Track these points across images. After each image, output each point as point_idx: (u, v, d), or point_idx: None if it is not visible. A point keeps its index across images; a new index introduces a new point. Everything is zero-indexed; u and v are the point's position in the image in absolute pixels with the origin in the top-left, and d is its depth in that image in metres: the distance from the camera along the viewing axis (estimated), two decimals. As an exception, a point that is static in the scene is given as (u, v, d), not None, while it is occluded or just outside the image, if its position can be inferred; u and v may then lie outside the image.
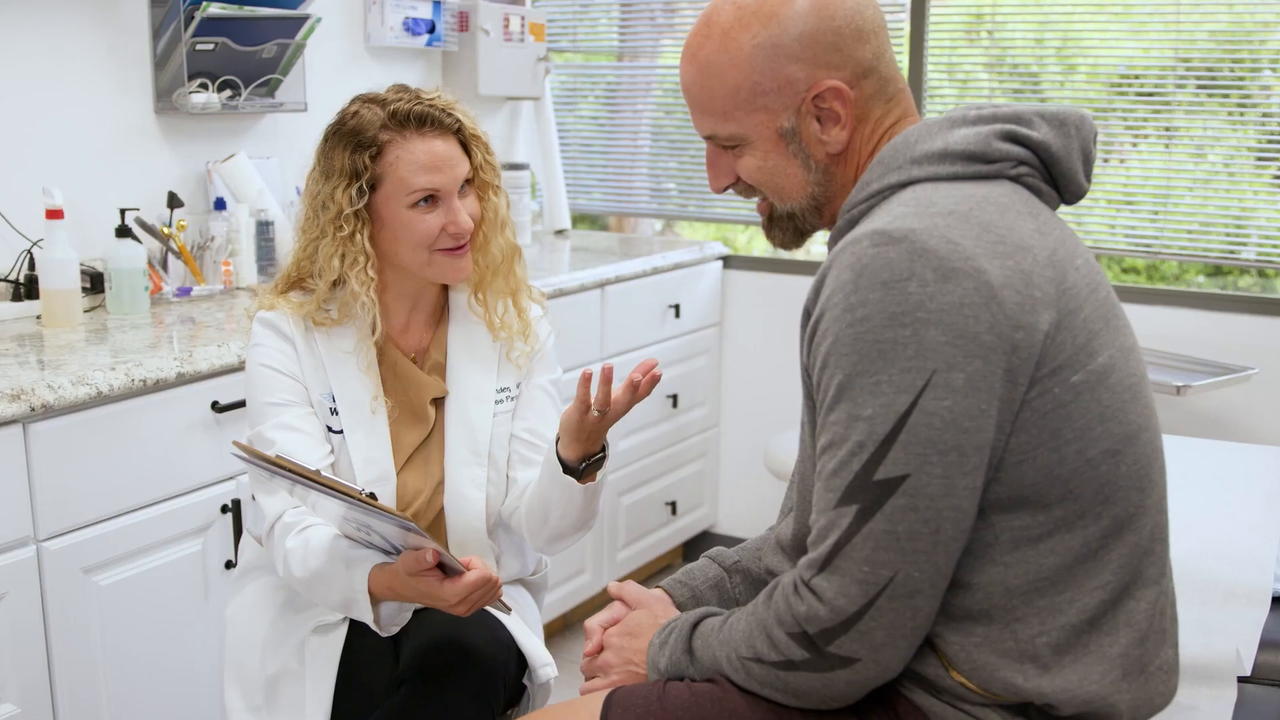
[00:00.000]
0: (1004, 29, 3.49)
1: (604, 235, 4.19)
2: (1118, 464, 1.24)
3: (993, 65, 3.53)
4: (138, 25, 2.78)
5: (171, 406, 2.17)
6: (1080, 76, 3.42)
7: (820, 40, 1.31)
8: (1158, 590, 1.29)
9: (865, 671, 1.22)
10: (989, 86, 3.53)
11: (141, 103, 2.82)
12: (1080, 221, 3.40)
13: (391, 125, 1.75)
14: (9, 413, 1.91)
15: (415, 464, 1.85)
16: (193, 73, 2.81)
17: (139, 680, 2.16)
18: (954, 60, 3.57)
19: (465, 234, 1.80)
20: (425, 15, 3.48)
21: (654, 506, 3.63)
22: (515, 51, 3.72)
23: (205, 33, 2.78)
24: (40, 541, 1.99)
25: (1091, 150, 1.35)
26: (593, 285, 3.23)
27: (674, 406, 3.63)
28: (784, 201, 1.39)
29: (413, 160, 1.75)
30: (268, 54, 2.96)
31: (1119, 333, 1.28)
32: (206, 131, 2.97)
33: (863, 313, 1.19)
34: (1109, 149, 3.40)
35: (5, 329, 2.40)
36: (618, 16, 4.13)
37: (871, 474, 1.18)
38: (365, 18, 3.38)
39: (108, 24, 2.73)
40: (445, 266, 1.81)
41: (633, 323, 3.41)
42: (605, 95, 4.22)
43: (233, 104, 2.90)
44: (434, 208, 1.77)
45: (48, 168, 2.63)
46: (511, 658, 1.76)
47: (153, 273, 2.67)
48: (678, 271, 3.59)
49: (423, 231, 1.77)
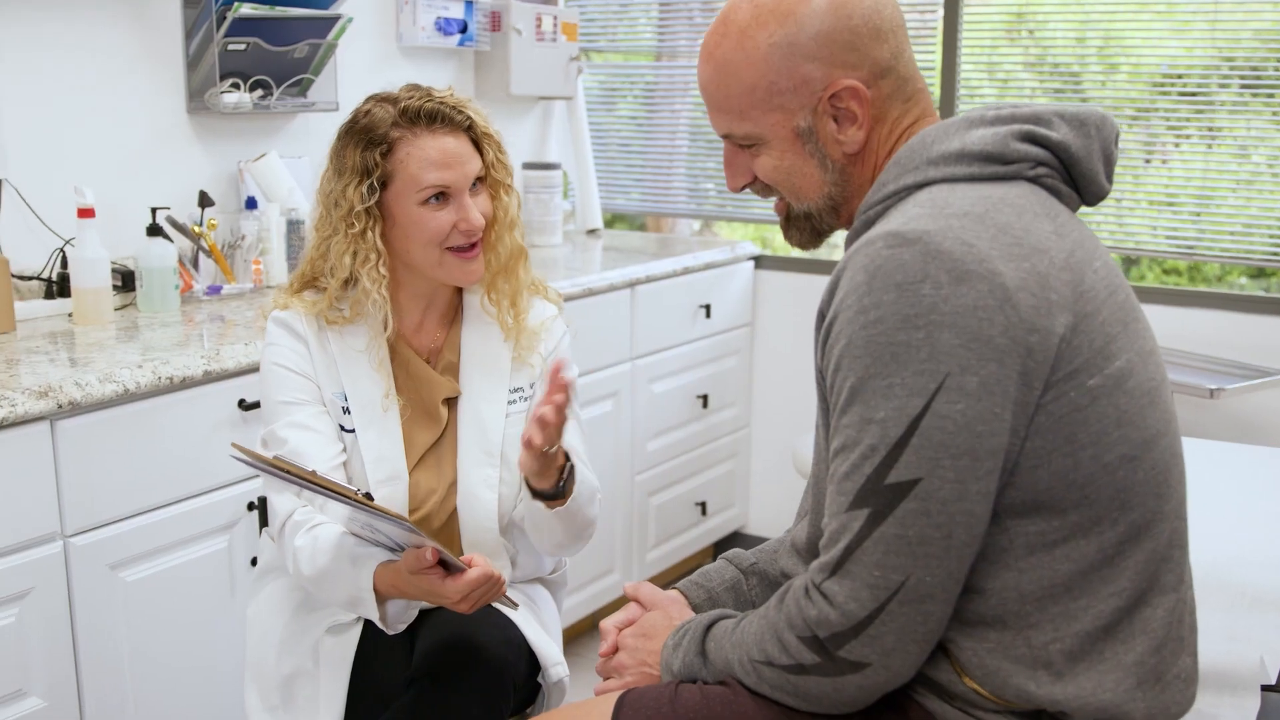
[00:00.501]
0: (1045, 28, 3.45)
1: (636, 235, 4.18)
2: (1135, 469, 1.22)
3: (1033, 64, 3.49)
4: (171, 26, 2.81)
5: (198, 404, 2.18)
6: (1122, 76, 3.38)
7: (837, 39, 1.29)
8: (1175, 598, 1.27)
9: (875, 677, 1.21)
10: (1030, 86, 3.49)
11: (174, 102, 2.84)
12: (1122, 222, 3.36)
13: (402, 122, 1.75)
14: (37, 410, 1.93)
15: (428, 464, 1.85)
16: (224, 73, 2.83)
17: (164, 676, 2.17)
18: (994, 60, 3.53)
19: (477, 231, 1.79)
20: (457, 15, 3.49)
21: (684, 507, 3.62)
22: (547, 51, 3.72)
23: (237, 33, 2.80)
24: (67, 537, 2.01)
25: (1113, 151, 1.33)
26: (622, 285, 3.22)
27: (704, 407, 3.62)
28: (800, 201, 1.38)
29: (423, 157, 1.75)
30: (299, 54, 2.97)
31: (1138, 336, 1.26)
32: (238, 131, 2.99)
33: (876, 315, 1.17)
34: (1150, 149, 3.36)
35: (38, 326, 2.42)
36: (656, 16, 4.12)
37: (883, 478, 1.17)
38: (397, 18, 3.39)
39: (141, 24, 2.75)
40: (455, 268, 1.81)
41: (663, 323, 3.40)
42: (643, 95, 4.22)
43: (264, 104, 2.92)
44: (445, 205, 1.77)
45: (82, 167, 2.65)
46: (521, 657, 1.76)
47: (184, 271, 2.69)
48: (709, 271, 3.58)
49: (434, 229, 1.77)
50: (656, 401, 3.41)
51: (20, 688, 1.96)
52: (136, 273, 2.56)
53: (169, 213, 2.68)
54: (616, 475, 3.30)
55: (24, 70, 2.54)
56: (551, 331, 1.94)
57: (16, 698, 1.96)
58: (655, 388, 3.40)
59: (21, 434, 1.93)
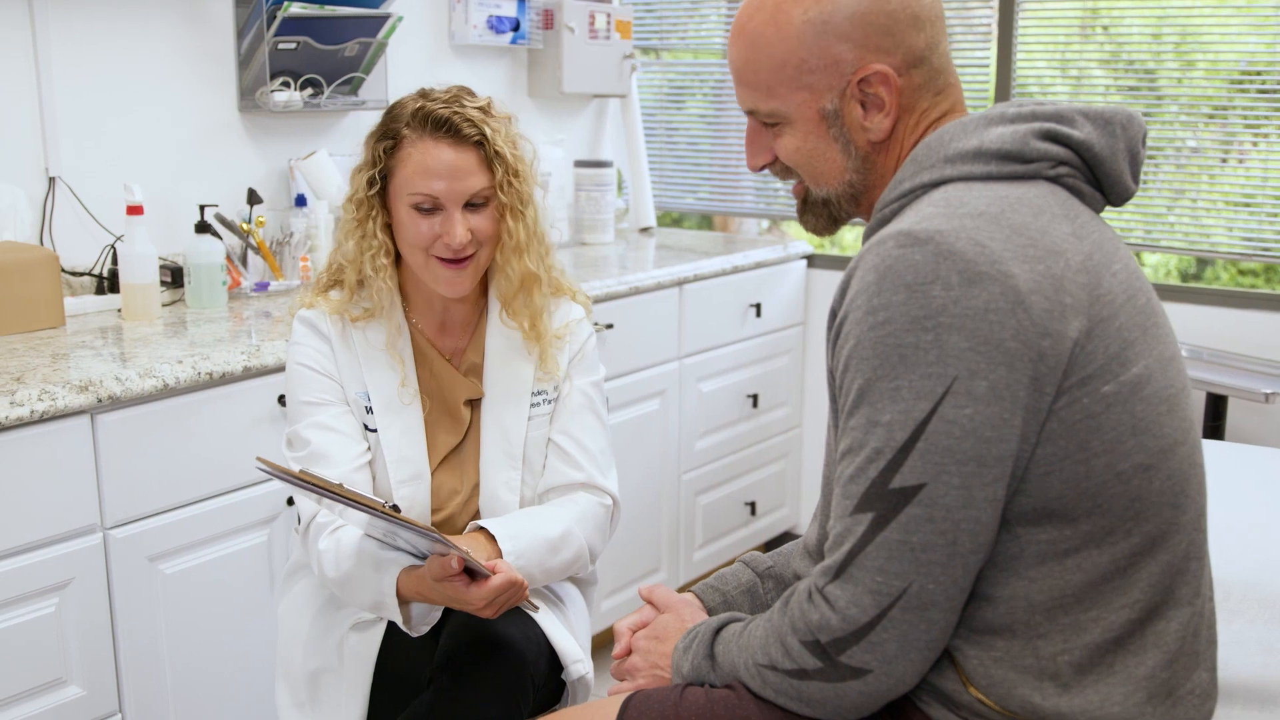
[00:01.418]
0: (1120, 24, 3.38)
1: (689, 233, 4.16)
2: (1150, 479, 1.18)
3: (1107, 62, 3.42)
4: (223, 25, 2.84)
5: (238, 400, 2.20)
6: (1198, 73, 3.31)
7: (873, 22, 1.27)
8: (1190, 611, 1.23)
9: (877, 684, 1.19)
10: (1103, 84, 3.42)
11: (226, 101, 2.88)
12: (1199, 223, 3.28)
13: (413, 122, 1.75)
14: (77, 404, 1.96)
15: (450, 465, 1.86)
16: (275, 71, 2.86)
17: (202, 667, 2.20)
18: (1067, 57, 3.47)
19: (459, 249, 1.76)
20: (509, 13, 3.50)
21: (733, 506, 3.60)
22: (601, 49, 3.72)
23: (287, 32, 2.82)
24: (107, 529, 2.05)
25: (1139, 151, 1.29)
26: (670, 283, 3.21)
27: (754, 406, 3.60)
28: (819, 186, 1.35)
29: (419, 161, 1.74)
30: (350, 52, 3.00)
31: (1158, 342, 1.22)
32: (289, 129, 3.02)
33: (884, 315, 1.15)
34: (1227, 148, 3.28)
35: (88, 321, 2.46)
36: (725, 14, 4.10)
37: (888, 482, 1.15)
38: (450, 16, 3.41)
39: (194, 24, 2.79)
40: (440, 277, 1.79)
41: (711, 321, 3.38)
42: (712, 93, 4.20)
43: (314, 102, 2.95)
44: (433, 215, 1.75)
45: (134, 165, 2.70)
46: (542, 655, 1.76)
47: (232, 268, 2.72)
48: (759, 270, 3.55)
49: (415, 234, 1.76)
50: (705, 400, 3.40)
51: (60, 676, 1.99)
52: (185, 269, 2.60)
53: (217, 210, 2.71)
54: (663, 474, 3.29)
55: (78, 70, 2.59)
56: (576, 334, 1.92)
57: (56, 686, 1.99)
58: (703, 387, 3.39)
59: (63, 427, 1.96)
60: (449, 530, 1.86)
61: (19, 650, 1.94)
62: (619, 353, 3.06)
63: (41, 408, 1.91)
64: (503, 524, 1.75)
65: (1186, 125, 3.29)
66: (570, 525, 1.81)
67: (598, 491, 1.89)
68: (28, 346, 2.21)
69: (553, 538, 1.78)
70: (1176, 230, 3.32)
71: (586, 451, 1.89)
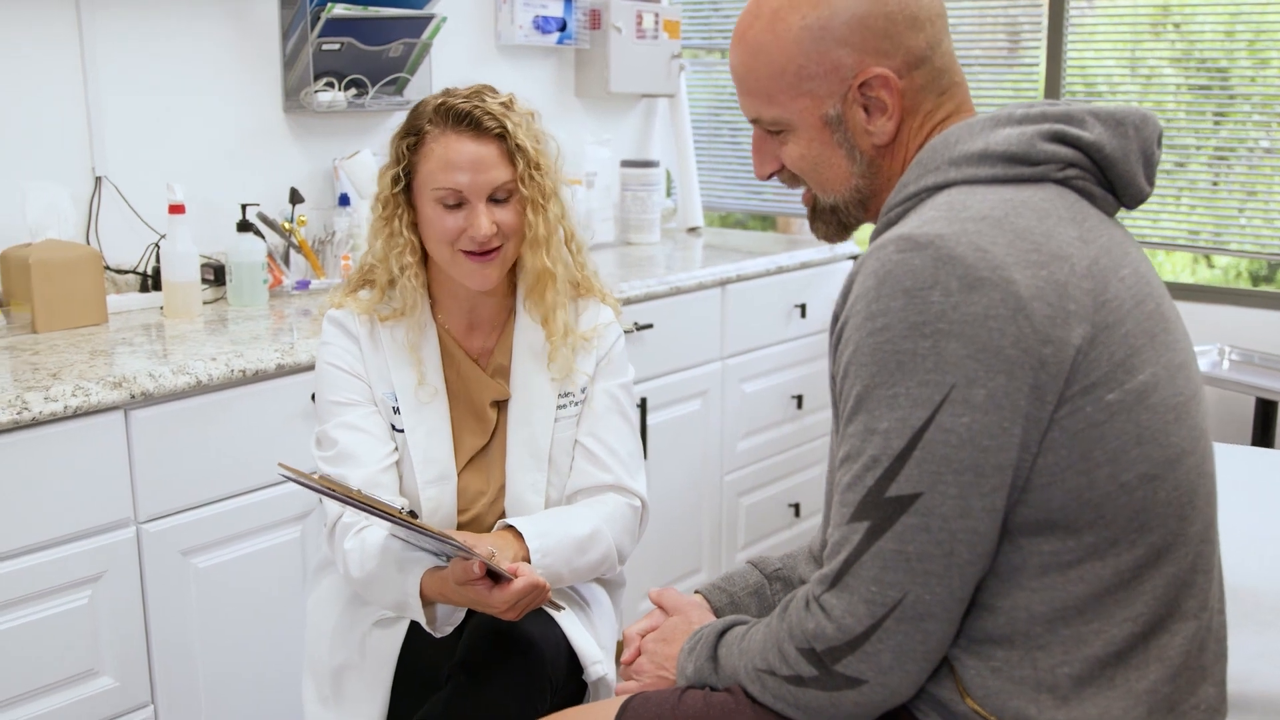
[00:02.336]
0: (1192, 21, 3.32)
1: (738, 233, 4.14)
2: (1155, 490, 1.15)
3: (1179, 60, 3.36)
4: (269, 26, 2.88)
5: (271, 397, 2.23)
6: (1272, 71, 3.23)
7: (870, 25, 1.25)
8: (1196, 625, 1.20)
9: (872, 694, 1.17)
10: (1174, 82, 3.36)
11: (272, 101, 2.92)
12: (1272, 225, 3.20)
13: (435, 118, 1.77)
14: (110, 399, 1.99)
15: (477, 466, 1.86)
16: (319, 72, 2.89)
17: (234, 660, 2.23)
18: (1138, 55, 3.40)
19: (484, 242, 1.77)
20: (556, 13, 3.50)
21: (776, 508, 3.58)
22: (649, 49, 3.71)
23: (331, 33, 2.85)
24: (140, 523, 2.08)
25: (1154, 152, 1.26)
26: (712, 284, 3.20)
27: (799, 408, 3.57)
28: (826, 193, 1.34)
29: (442, 156, 1.75)
30: (394, 53, 3.02)
31: (1166, 349, 1.19)
32: (334, 129, 3.05)
33: (883, 321, 1.13)
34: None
35: (132, 319, 2.50)
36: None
37: (884, 490, 1.13)
38: (496, 16, 3.42)
39: (240, 25, 2.82)
40: (466, 270, 1.80)
41: (755, 322, 3.36)
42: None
43: (359, 102, 2.97)
44: (458, 209, 1.77)
45: (180, 164, 2.74)
46: (561, 655, 1.76)
47: (274, 266, 2.75)
48: (804, 271, 3.53)
49: (441, 229, 1.77)
50: (748, 401, 3.38)
51: (92, 667, 2.03)
52: (227, 267, 2.63)
53: (259, 209, 2.74)
54: (704, 474, 3.27)
55: (125, 71, 2.63)
56: (604, 337, 1.92)
57: (89, 676, 2.03)
58: (746, 387, 3.37)
59: (96, 422, 2.00)
60: (476, 530, 1.86)
61: (53, 641, 1.97)
62: (659, 353, 3.05)
63: (75, 403, 1.95)
64: (531, 522, 1.76)
65: (1260, 125, 3.22)
66: (599, 525, 1.81)
67: (626, 493, 1.89)
68: (69, 343, 2.25)
69: (581, 537, 1.78)
70: (1246, 232, 3.25)
71: (615, 454, 1.89)
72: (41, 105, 2.51)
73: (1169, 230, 3.40)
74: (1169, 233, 3.40)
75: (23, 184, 2.41)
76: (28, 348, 2.21)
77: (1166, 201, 3.38)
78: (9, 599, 1.92)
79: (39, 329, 2.33)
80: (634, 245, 3.70)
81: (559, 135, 3.68)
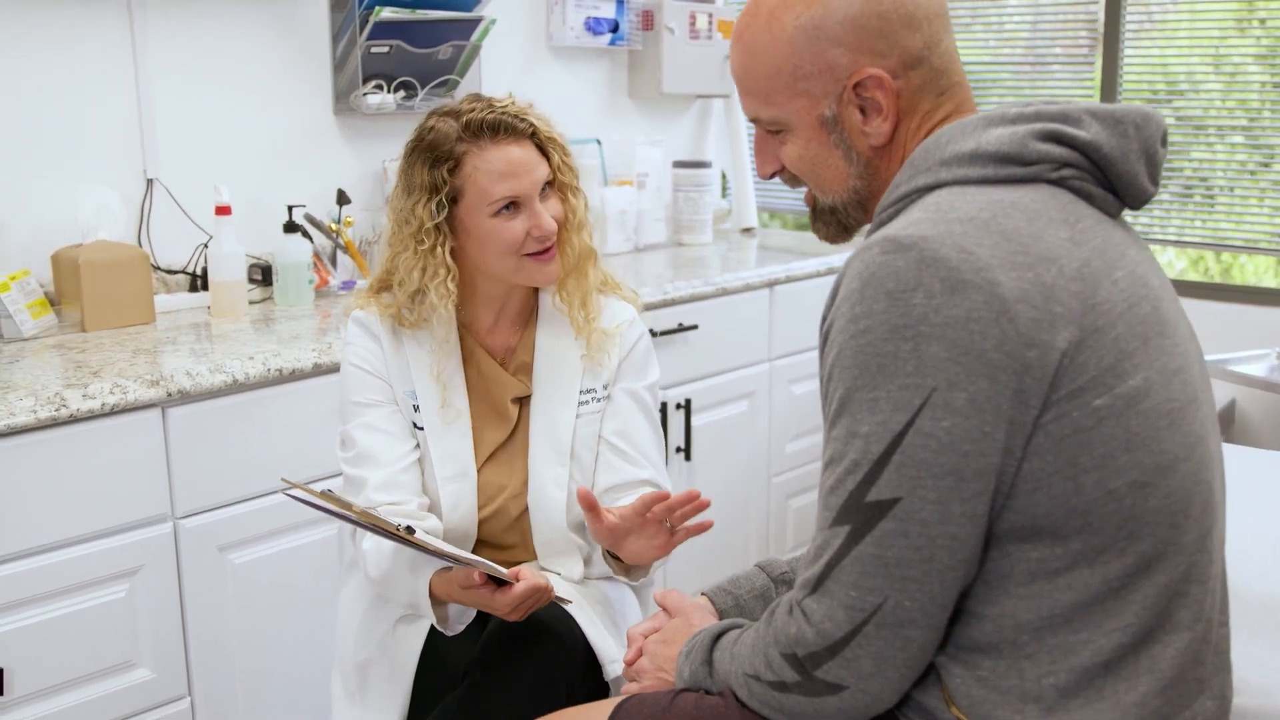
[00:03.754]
0: (1278, 17, 3.23)
1: (791, 234, 4.12)
2: (1145, 497, 1.12)
3: (1264, 57, 3.28)
4: (319, 30, 2.92)
5: (305, 396, 2.26)
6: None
7: (865, 25, 1.24)
8: (1191, 636, 1.16)
9: (854, 700, 1.16)
10: (1259, 80, 3.28)
11: (322, 103, 2.96)
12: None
13: (466, 136, 1.77)
14: (148, 397, 2.04)
15: (499, 461, 1.88)
16: (368, 75, 2.93)
17: (271, 654, 2.27)
18: (1222, 52, 3.33)
19: (550, 235, 1.81)
20: (608, 14, 3.51)
21: (827, 512, 3.55)
22: (702, 49, 3.70)
23: (379, 36, 2.89)
24: (177, 519, 2.12)
25: (1157, 151, 1.23)
26: (759, 285, 3.18)
27: (850, 410, 3.53)
28: (825, 194, 1.33)
29: (491, 169, 1.77)
30: (443, 55, 3.05)
31: (1162, 353, 1.16)
32: (383, 131, 3.08)
33: (866, 324, 1.12)
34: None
35: (180, 318, 2.56)
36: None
37: (864, 495, 1.12)
38: (548, 18, 3.44)
39: (292, 28, 2.87)
40: (534, 271, 1.83)
41: (804, 323, 3.34)
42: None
43: (408, 104, 3.00)
44: (517, 213, 1.79)
45: (231, 166, 2.79)
46: (578, 655, 1.76)
47: (321, 266, 2.79)
48: (856, 272, 3.49)
49: (509, 239, 1.79)
50: (796, 403, 3.36)
51: (130, 658, 2.08)
52: (273, 268, 2.68)
53: (306, 210, 2.79)
54: (752, 476, 3.26)
55: (177, 75, 2.69)
56: (626, 336, 1.93)
57: (126, 668, 2.08)
58: (795, 389, 3.35)
59: (134, 420, 2.04)
60: (498, 524, 1.88)
61: (92, 632, 2.02)
62: (705, 354, 3.05)
63: (112, 401, 1.99)
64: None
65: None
66: None
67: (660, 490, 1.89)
68: (115, 341, 2.31)
69: None
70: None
71: (643, 452, 1.90)
72: (94, 108, 2.58)
73: (1251, 233, 3.32)
74: (1250, 235, 3.32)
75: (75, 186, 2.47)
76: (75, 346, 2.27)
77: (1250, 203, 3.30)
78: (49, 591, 1.97)
79: (88, 328, 2.39)
80: (686, 246, 3.69)
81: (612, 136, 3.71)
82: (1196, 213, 3.45)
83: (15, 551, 1.94)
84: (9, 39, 2.45)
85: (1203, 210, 3.44)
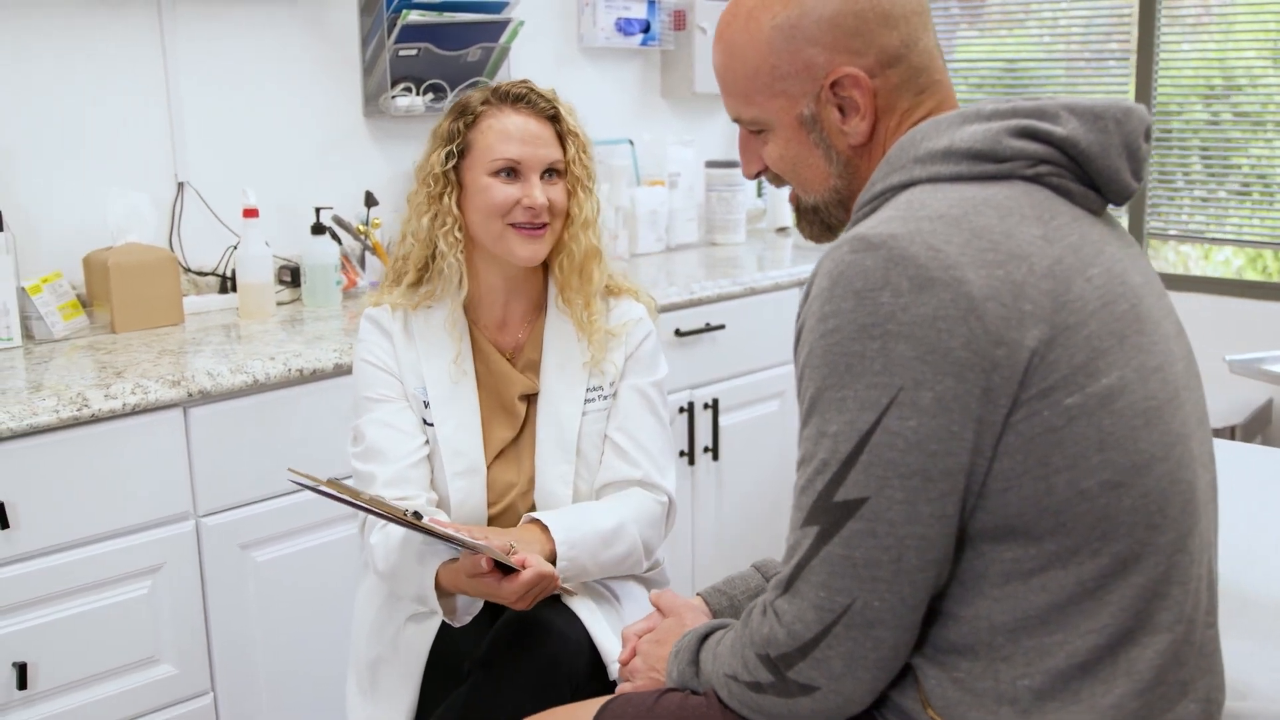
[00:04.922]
0: None
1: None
2: (1120, 497, 1.11)
3: None
4: (349, 33, 2.96)
5: (324, 396, 2.29)
6: None
7: (841, 24, 1.24)
8: (1171, 638, 1.14)
9: (827, 701, 1.15)
10: None
11: (352, 106, 3.00)
12: None
13: (492, 99, 1.86)
14: (169, 397, 2.08)
15: (507, 459, 1.89)
16: (397, 78, 2.96)
17: (292, 651, 2.30)
18: None
19: (539, 211, 1.83)
20: (639, 15, 3.52)
21: (861, 511, 3.53)
22: (735, 47, 3.69)
23: (407, 39, 2.91)
24: (199, 517, 2.16)
25: (1140, 146, 1.21)
26: (789, 284, 3.17)
27: (884, 410, 3.51)
28: (807, 193, 1.33)
29: (501, 129, 1.83)
30: (472, 57, 3.07)
31: (1140, 351, 1.14)
32: (414, 133, 3.11)
33: (834, 323, 1.12)
34: None
35: (209, 319, 2.60)
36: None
37: (832, 495, 1.11)
38: (578, 18, 3.45)
39: (321, 32, 2.91)
40: (516, 244, 1.84)
41: (835, 323, 3.32)
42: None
43: (436, 106, 3.03)
44: (513, 180, 1.83)
45: (261, 169, 2.83)
46: (582, 654, 1.77)
47: (349, 268, 2.83)
48: (889, 270, 3.47)
49: (498, 200, 1.82)
50: (828, 403, 3.34)
51: (152, 655, 2.12)
52: (301, 269, 2.71)
53: (334, 212, 2.82)
54: (782, 475, 3.25)
55: (207, 79, 2.74)
56: (633, 333, 1.93)
57: (149, 664, 2.12)
58: (827, 389, 3.33)
59: (156, 419, 2.08)
60: (507, 521, 1.90)
61: (114, 628, 2.07)
62: (732, 354, 3.04)
63: (134, 400, 2.04)
64: (556, 517, 1.80)
65: None
66: (625, 520, 1.83)
67: (654, 489, 1.90)
68: (142, 342, 2.35)
69: (605, 531, 1.80)
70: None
71: (644, 449, 1.91)
72: (126, 113, 2.63)
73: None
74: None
75: (106, 190, 2.52)
76: (104, 347, 2.32)
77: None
78: (73, 587, 2.02)
79: (117, 329, 2.44)
80: (718, 246, 3.69)
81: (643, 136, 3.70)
82: (1255, 210, 3.39)
83: (40, 548, 1.98)
84: (42, 45, 2.50)
85: (1261, 207, 3.38)
